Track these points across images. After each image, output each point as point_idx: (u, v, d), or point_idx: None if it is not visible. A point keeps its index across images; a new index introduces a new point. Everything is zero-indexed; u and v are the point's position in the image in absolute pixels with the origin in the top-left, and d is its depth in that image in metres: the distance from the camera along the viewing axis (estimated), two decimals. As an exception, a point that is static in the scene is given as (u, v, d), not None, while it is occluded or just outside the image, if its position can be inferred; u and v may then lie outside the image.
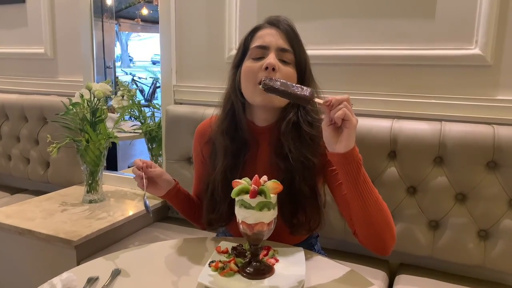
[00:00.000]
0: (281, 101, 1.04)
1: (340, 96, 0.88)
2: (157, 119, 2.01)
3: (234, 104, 1.10)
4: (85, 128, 1.67)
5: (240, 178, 0.93)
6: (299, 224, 1.07)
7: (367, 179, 0.95)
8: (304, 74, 1.08)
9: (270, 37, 1.05)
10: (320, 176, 1.11)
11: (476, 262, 1.34)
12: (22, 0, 2.28)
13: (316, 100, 0.93)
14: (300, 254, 1.02)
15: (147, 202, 1.03)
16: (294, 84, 0.97)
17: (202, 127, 1.24)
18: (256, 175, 0.91)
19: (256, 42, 1.07)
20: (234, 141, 1.09)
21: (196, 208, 1.25)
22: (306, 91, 0.94)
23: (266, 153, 1.11)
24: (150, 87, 6.40)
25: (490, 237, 1.32)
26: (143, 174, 1.07)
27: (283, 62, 1.04)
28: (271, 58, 1.02)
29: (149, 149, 2.01)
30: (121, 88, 1.95)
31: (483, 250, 1.32)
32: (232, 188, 0.90)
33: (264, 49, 1.05)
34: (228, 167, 1.08)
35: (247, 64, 1.06)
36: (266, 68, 1.01)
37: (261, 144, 1.12)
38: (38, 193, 2.04)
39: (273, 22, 1.08)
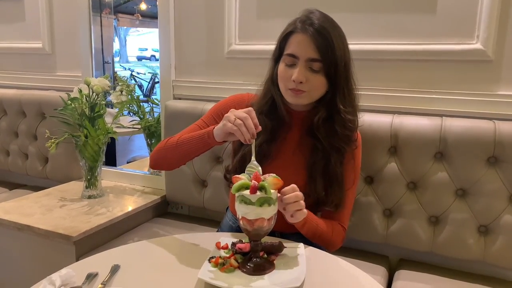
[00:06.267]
0: (310, 99, 1.15)
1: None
2: (156, 114, 2.00)
3: (273, 92, 1.20)
4: (83, 124, 1.66)
5: (273, 153, 1.13)
6: (326, 200, 1.18)
7: (313, 225, 1.14)
8: (335, 79, 1.12)
9: (300, 46, 1.11)
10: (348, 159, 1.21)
11: (476, 257, 1.34)
12: (19, -6, 2.26)
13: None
14: (301, 249, 1.02)
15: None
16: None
17: (240, 97, 1.30)
18: (256, 171, 0.91)
19: (288, 49, 1.13)
20: (273, 120, 1.20)
21: None
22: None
23: (297, 134, 1.22)
24: (149, 83, 6.37)
25: (490, 232, 1.32)
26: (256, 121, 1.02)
27: (313, 70, 1.10)
28: (298, 73, 1.09)
29: (148, 144, 2.01)
30: (120, 83, 1.93)
31: (483, 245, 1.32)
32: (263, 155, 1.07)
33: (294, 58, 1.11)
34: (266, 141, 1.18)
35: (281, 68, 1.15)
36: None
37: (294, 125, 1.22)
38: (36, 188, 2.04)
39: (305, 27, 1.11)
